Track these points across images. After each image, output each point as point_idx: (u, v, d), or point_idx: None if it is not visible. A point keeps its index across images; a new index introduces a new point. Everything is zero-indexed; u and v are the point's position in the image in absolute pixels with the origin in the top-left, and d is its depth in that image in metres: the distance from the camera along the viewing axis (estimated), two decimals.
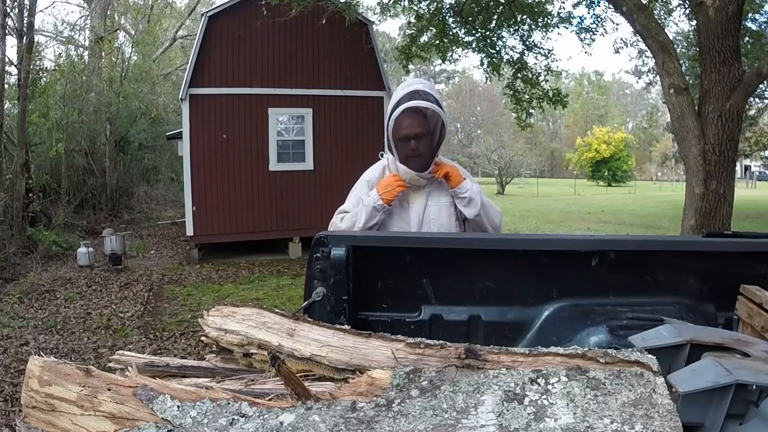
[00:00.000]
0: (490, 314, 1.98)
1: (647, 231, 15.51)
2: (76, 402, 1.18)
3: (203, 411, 1.13)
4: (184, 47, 24.43)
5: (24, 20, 12.04)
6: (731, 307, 1.79)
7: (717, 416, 1.25)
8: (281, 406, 1.15)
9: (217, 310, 1.52)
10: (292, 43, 11.77)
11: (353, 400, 1.16)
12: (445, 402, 1.13)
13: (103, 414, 1.16)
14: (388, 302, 1.99)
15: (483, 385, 1.17)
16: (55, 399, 1.19)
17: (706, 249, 2.07)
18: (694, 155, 6.05)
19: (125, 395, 1.17)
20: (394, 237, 2.03)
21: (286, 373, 1.15)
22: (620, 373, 1.17)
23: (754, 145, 21.34)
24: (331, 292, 1.91)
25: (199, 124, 11.46)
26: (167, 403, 1.14)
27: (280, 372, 1.14)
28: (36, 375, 1.21)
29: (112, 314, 7.72)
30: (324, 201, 12.12)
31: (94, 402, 1.17)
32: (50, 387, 1.20)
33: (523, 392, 1.14)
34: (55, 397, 1.19)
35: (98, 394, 1.18)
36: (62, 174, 14.88)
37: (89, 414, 1.16)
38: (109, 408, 1.16)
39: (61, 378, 1.20)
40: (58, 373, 1.21)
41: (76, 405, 1.18)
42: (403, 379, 1.20)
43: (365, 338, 1.34)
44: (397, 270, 1.89)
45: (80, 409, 1.17)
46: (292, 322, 1.42)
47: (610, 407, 1.10)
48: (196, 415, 1.12)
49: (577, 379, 1.16)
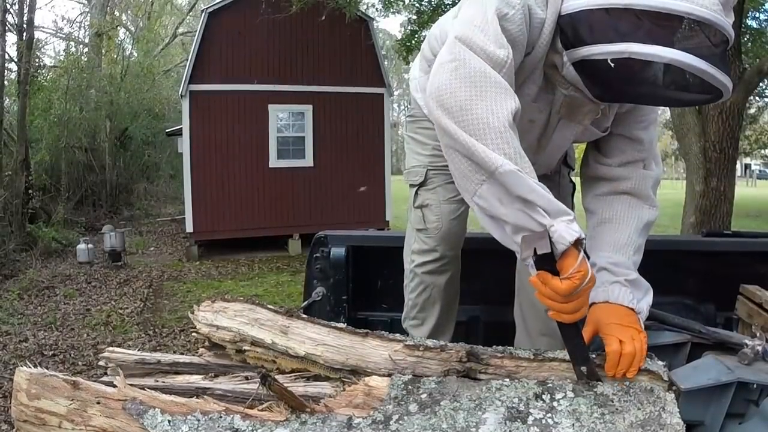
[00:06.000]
0: (490, 314, 1.98)
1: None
2: (66, 416, 1.15)
3: (194, 426, 1.09)
4: (184, 44, 24.37)
5: (24, 17, 12.01)
6: (731, 307, 1.79)
7: (717, 414, 1.25)
8: (275, 419, 1.11)
9: (208, 305, 1.45)
10: (292, 40, 11.74)
11: (349, 415, 1.12)
12: (445, 421, 1.09)
13: (93, 429, 1.13)
14: (387, 302, 1.98)
15: (485, 401, 1.12)
16: (44, 413, 1.16)
17: (705, 248, 2.07)
18: (695, 153, 6.04)
19: (115, 409, 1.14)
20: (394, 237, 2.03)
21: (278, 390, 1.11)
22: (629, 389, 1.14)
23: (755, 143, 21.33)
24: (331, 292, 1.91)
25: (198, 121, 11.43)
26: (157, 417, 1.11)
27: (272, 389, 1.10)
28: (23, 388, 1.17)
29: (111, 311, 7.72)
30: (324, 198, 12.13)
31: (84, 416, 1.14)
32: (39, 401, 1.16)
33: (527, 409, 1.10)
34: (45, 411, 1.16)
35: (87, 408, 1.14)
36: (62, 170, 14.87)
37: (80, 429, 1.14)
38: (99, 422, 1.13)
39: (48, 391, 1.16)
40: (45, 386, 1.17)
41: (66, 419, 1.15)
42: (401, 391, 1.16)
43: (362, 337, 1.29)
44: (397, 270, 1.89)
45: (71, 424, 1.14)
46: (286, 318, 1.36)
47: (617, 428, 1.06)
48: (187, 430, 1.09)
49: (584, 395, 1.13)
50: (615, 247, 1.39)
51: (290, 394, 1.12)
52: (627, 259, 1.37)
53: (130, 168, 19.03)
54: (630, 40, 1.11)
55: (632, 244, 1.40)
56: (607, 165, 1.48)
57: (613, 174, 1.47)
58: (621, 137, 1.47)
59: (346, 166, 12.30)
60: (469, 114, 1.12)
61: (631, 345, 1.16)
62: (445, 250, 1.70)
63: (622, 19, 1.13)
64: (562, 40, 1.25)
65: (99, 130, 17.64)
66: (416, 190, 1.74)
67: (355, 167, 12.35)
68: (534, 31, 1.25)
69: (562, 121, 1.44)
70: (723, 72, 1.12)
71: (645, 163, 1.47)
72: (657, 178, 1.49)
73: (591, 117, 1.40)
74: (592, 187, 1.52)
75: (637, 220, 1.43)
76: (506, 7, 1.21)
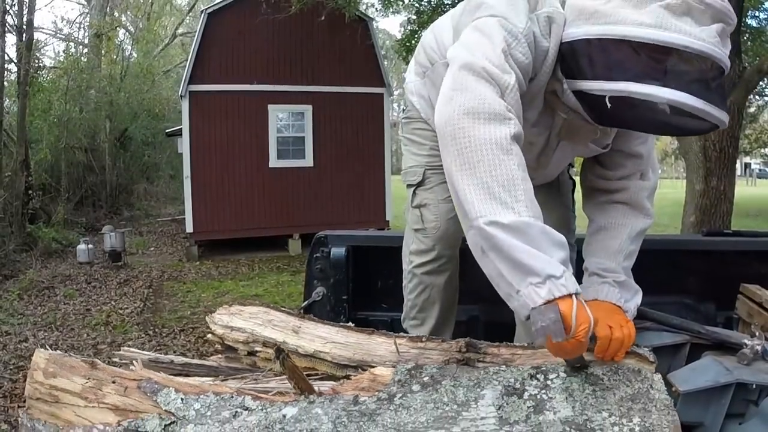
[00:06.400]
0: (490, 314, 1.99)
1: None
2: (80, 394, 1.19)
3: (207, 404, 1.14)
4: (183, 44, 24.38)
5: (23, 18, 12.01)
6: (731, 306, 1.79)
7: (717, 415, 1.25)
8: (284, 399, 1.16)
9: (225, 309, 1.55)
10: (292, 40, 11.74)
11: (355, 394, 1.17)
12: (446, 395, 1.15)
13: (107, 406, 1.17)
14: (387, 302, 1.99)
15: (483, 380, 1.18)
16: (59, 391, 1.20)
17: (706, 248, 2.07)
18: (695, 152, 6.04)
19: (130, 387, 1.18)
20: (394, 237, 2.03)
21: (290, 367, 1.16)
22: (618, 369, 1.18)
23: (755, 142, 21.32)
24: (331, 292, 1.91)
25: (198, 121, 11.44)
26: (171, 395, 1.15)
27: (285, 365, 1.15)
28: (41, 367, 1.23)
29: (111, 311, 7.72)
30: (324, 198, 12.13)
31: (98, 394, 1.18)
32: (55, 379, 1.21)
33: (522, 387, 1.15)
34: (60, 389, 1.20)
35: (102, 387, 1.19)
36: (62, 171, 14.87)
37: (93, 406, 1.17)
38: (113, 400, 1.17)
39: (66, 370, 1.22)
40: (64, 365, 1.22)
41: (80, 397, 1.19)
42: (404, 375, 1.21)
43: (368, 335, 1.37)
44: (397, 270, 1.89)
45: (84, 401, 1.18)
46: (298, 319, 1.44)
47: (608, 401, 1.11)
48: (199, 407, 1.13)
49: (576, 375, 1.17)
50: (607, 254, 1.43)
51: (300, 373, 1.18)
52: (617, 265, 1.41)
53: (130, 168, 19.03)
54: (628, 78, 1.12)
55: (623, 251, 1.44)
56: (606, 179, 1.52)
57: (612, 186, 1.50)
58: (621, 153, 1.49)
59: (346, 166, 12.30)
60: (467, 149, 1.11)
61: (620, 332, 1.19)
62: (444, 250, 1.71)
63: (619, 53, 1.14)
64: (563, 68, 1.26)
65: (99, 131, 17.65)
66: (414, 190, 1.75)
67: (355, 167, 12.35)
68: (538, 60, 1.26)
69: (562, 143, 1.46)
70: (718, 108, 1.13)
71: (642, 174, 1.50)
72: (652, 187, 1.52)
73: (590, 138, 1.42)
74: (591, 196, 1.56)
75: (630, 228, 1.46)
76: (511, 38, 1.22)
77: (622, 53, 1.13)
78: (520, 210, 1.08)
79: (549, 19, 1.24)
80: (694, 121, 1.17)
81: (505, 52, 1.20)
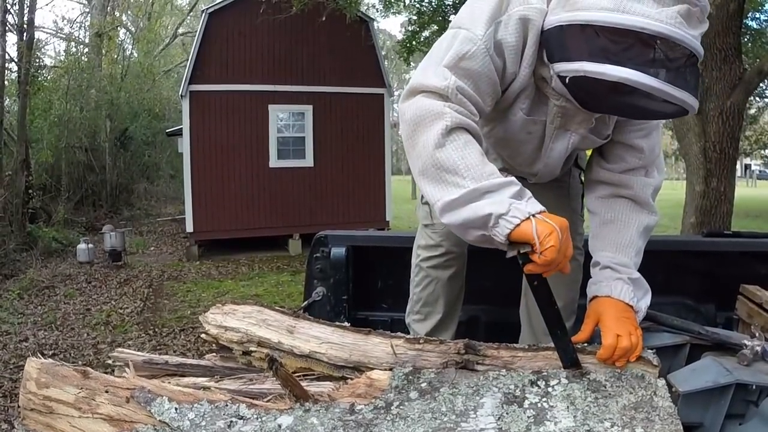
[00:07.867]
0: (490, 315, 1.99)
1: None
2: (74, 404, 1.18)
3: (201, 413, 1.13)
4: (184, 44, 24.38)
5: (24, 17, 12.01)
6: (731, 307, 1.79)
7: (717, 416, 1.25)
8: (279, 408, 1.15)
9: (218, 308, 1.51)
10: (292, 40, 11.74)
11: (352, 402, 1.15)
12: (444, 405, 1.13)
13: (101, 416, 1.16)
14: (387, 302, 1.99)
15: (482, 387, 1.17)
16: (53, 401, 1.19)
17: (706, 249, 2.07)
18: (695, 153, 6.03)
19: (123, 397, 1.16)
20: (394, 237, 2.03)
21: (283, 376, 1.15)
22: (621, 375, 1.17)
23: (755, 143, 21.33)
24: (331, 292, 1.91)
25: (199, 121, 11.44)
26: (165, 405, 1.14)
27: (278, 374, 1.13)
28: (33, 377, 1.21)
29: (111, 310, 7.72)
30: (324, 198, 12.13)
31: (92, 404, 1.17)
32: (48, 389, 1.19)
33: (522, 394, 1.14)
34: (53, 400, 1.19)
35: (96, 396, 1.17)
36: (62, 170, 14.87)
37: (87, 416, 1.16)
38: (107, 410, 1.16)
39: (58, 380, 1.20)
40: (56, 375, 1.20)
41: (74, 407, 1.17)
42: (402, 381, 1.20)
43: (365, 335, 1.34)
44: (397, 270, 1.89)
45: (78, 411, 1.17)
46: (293, 319, 1.42)
47: (610, 410, 1.10)
48: (194, 417, 1.12)
49: (578, 381, 1.16)
50: (618, 247, 1.43)
51: (295, 381, 1.16)
52: (629, 260, 1.41)
53: (130, 168, 19.01)
54: (583, 59, 1.16)
55: (633, 246, 1.44)
56: (609, 170, 1.51)
57: (615, 180, 1.50)
58: (621, 145, 1.49)
59: (346, 166, 12.30)
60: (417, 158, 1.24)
61: (628, 340, 1.20)
62: (451, 246, 1.73)
63: (583, 36, 1.17)
64: (547, 54, 1.29)
65: (99, 130, 17.64)
66: None
67: (355, 167, 12.35)
68: (510, 57, 1.29)
69: (558, 131, 1.46)
70: (681, 90, 1.13)
71: (647, 171, 1.49)
72: (657, 185, 1.52)
73: (585, 126, 1.42)
74: (594, 189, 1.55)
75: (638, 223, 1.47)
76: (467, 45, 1.27)
77: (585, 36, 1.17)
78: (466, 184, 1.18)
79: (521, 18, 1.27)
80: (657, 103, 1.18)
81: (454, 59, 1.26)
